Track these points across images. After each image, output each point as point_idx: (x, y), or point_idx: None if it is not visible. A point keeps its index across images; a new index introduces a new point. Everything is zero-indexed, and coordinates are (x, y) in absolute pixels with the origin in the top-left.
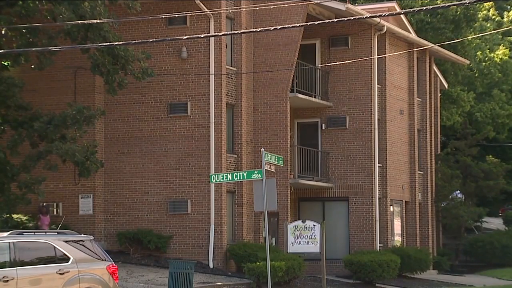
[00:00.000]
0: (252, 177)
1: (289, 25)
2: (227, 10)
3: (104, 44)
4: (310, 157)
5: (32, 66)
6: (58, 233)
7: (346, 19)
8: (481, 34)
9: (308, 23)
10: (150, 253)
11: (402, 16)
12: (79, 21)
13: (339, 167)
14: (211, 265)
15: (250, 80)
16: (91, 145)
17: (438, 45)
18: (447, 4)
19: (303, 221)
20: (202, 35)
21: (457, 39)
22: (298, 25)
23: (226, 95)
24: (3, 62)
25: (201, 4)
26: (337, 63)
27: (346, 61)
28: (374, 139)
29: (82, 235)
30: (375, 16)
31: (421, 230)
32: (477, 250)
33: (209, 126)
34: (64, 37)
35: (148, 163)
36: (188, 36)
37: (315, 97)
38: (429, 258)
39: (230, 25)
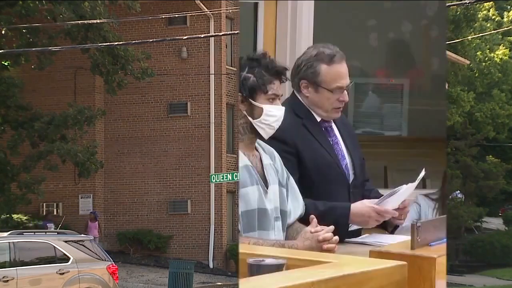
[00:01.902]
0: None
1: None
2: (227, 10)
3: (104, 44)
4: None
5: (32, 66)
6: (58, 233)
7: None
8: (481, 34)
9: None
10: (150, 253)
11: None
12: (79, 21)
13: None
14: (211, 265)
15: None
16: (91, 145)
17: None
18: (447, 4)
19: None
20: (202, 35)
21: (457, 39)
22: None
23: (226, 95)
24: (3, 62)
25: (201, 4)
26: None
27: None
28: None
29: (82, 235)
30: None
31: None
32: (477, 250)
33: (209, 126)
34: (64, 37)
35: (148, 163)
36: (188, 36)
37: None
38: None
39: (230, 25)
